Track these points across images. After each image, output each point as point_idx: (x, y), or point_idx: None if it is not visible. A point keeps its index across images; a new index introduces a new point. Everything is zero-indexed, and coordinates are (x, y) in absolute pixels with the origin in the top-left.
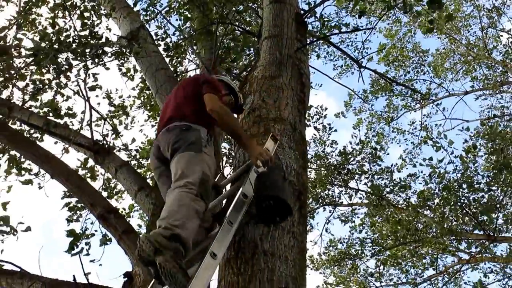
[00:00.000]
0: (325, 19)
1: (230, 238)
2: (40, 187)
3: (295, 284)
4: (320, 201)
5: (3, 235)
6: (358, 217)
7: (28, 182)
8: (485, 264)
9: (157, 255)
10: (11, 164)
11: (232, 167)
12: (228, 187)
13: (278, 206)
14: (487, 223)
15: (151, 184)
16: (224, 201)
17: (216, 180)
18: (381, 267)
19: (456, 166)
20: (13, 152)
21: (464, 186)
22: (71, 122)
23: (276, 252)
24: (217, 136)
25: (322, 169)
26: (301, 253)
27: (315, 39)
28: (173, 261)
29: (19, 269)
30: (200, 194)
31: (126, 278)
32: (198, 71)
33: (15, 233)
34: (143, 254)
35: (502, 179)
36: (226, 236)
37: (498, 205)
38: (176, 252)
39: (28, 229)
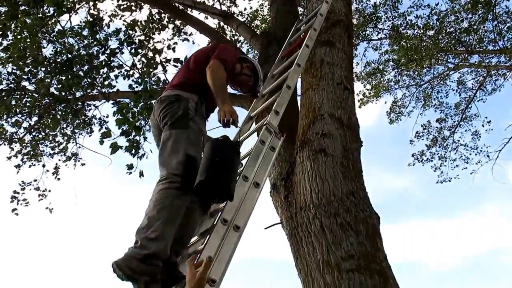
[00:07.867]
0: None
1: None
2: (193, 42)
3: (347, 79)
4: (360, 38)
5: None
6: (384, 47)
7: (185, 39)
8: (464, 69)
9: (133, 282)
10: (175, 30)
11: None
12: None
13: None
14: (466, 41)
15: (258, 33)
16: None
17: None
18: (398, 76)
19: (447, 7)
20: (176, 22)
21: (452, 18)
22: (208, 0)
23: (335, 62)
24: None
25: (361, 18)
26: (350, 63)
27: None
28: None
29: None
30: (184, 183)
31: None
32: None
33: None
34: (120, 278)
35: (476, 11)
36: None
37: (473, 29)
38: (151, 274)
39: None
